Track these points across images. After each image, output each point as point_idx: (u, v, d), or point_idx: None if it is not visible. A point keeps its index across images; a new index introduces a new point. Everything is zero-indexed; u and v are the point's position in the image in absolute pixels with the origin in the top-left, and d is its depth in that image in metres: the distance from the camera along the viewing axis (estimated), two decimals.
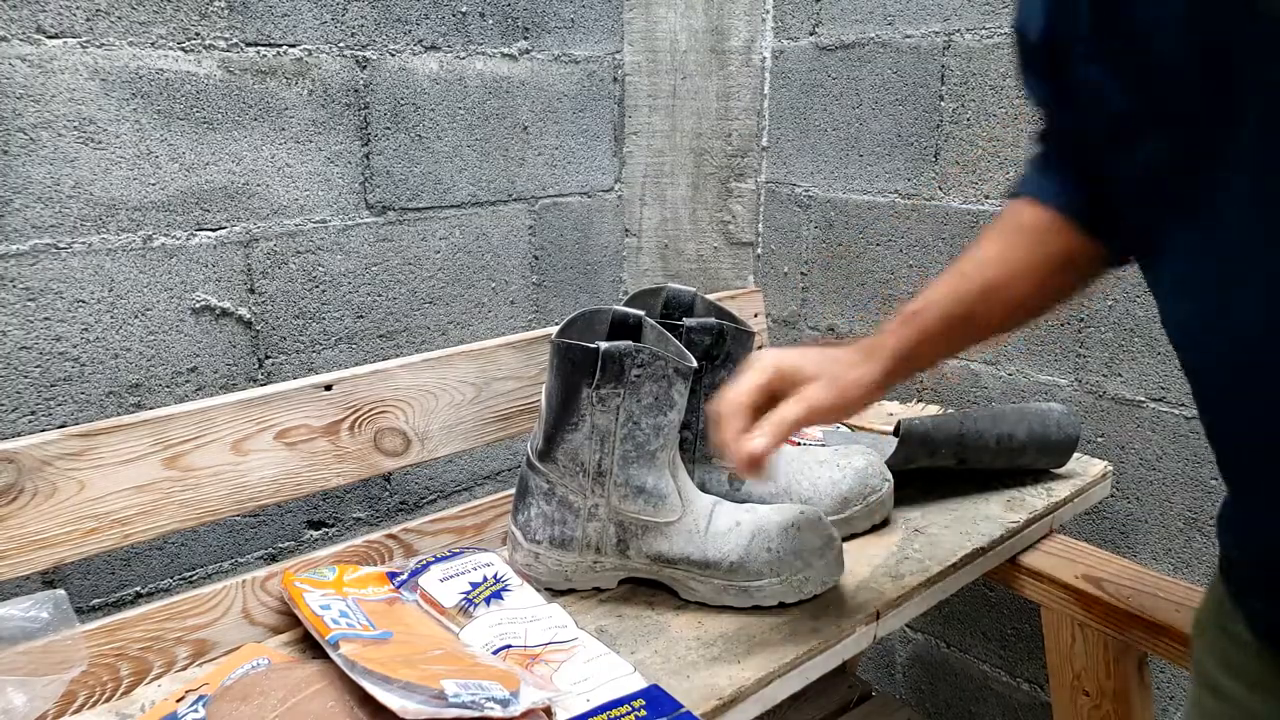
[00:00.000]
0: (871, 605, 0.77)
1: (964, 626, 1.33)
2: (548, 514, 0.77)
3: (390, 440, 0.82)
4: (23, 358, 0.91)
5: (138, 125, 0.94)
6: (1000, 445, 0.96)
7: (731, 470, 0.87)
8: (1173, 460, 1.08)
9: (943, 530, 0.90)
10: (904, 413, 1.25)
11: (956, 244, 1.24)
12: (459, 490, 1.30)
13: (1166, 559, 1.11)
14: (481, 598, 0.73)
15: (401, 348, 1.19)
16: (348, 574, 0.75)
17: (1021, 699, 1.28)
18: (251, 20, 1.00)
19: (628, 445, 0.74)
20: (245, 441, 0.74)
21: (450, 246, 1.22)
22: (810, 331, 1.45)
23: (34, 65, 0.87)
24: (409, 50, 1.13)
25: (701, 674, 0.68)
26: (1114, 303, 1.10)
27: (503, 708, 0.57)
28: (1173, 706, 1.13)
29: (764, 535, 0.75)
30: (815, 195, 1.39)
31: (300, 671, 0.63)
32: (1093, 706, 0.96)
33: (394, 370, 0.82)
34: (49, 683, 0.61)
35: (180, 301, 1.00)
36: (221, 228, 1.02)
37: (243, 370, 1.06)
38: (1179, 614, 0.87)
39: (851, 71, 1.31)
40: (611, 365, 0.72)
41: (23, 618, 0.61)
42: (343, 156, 1.10)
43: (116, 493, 0.68)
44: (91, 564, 0.99)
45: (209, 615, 0.71)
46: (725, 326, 0.84)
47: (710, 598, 0.76)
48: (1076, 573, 0.94)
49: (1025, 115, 1.14)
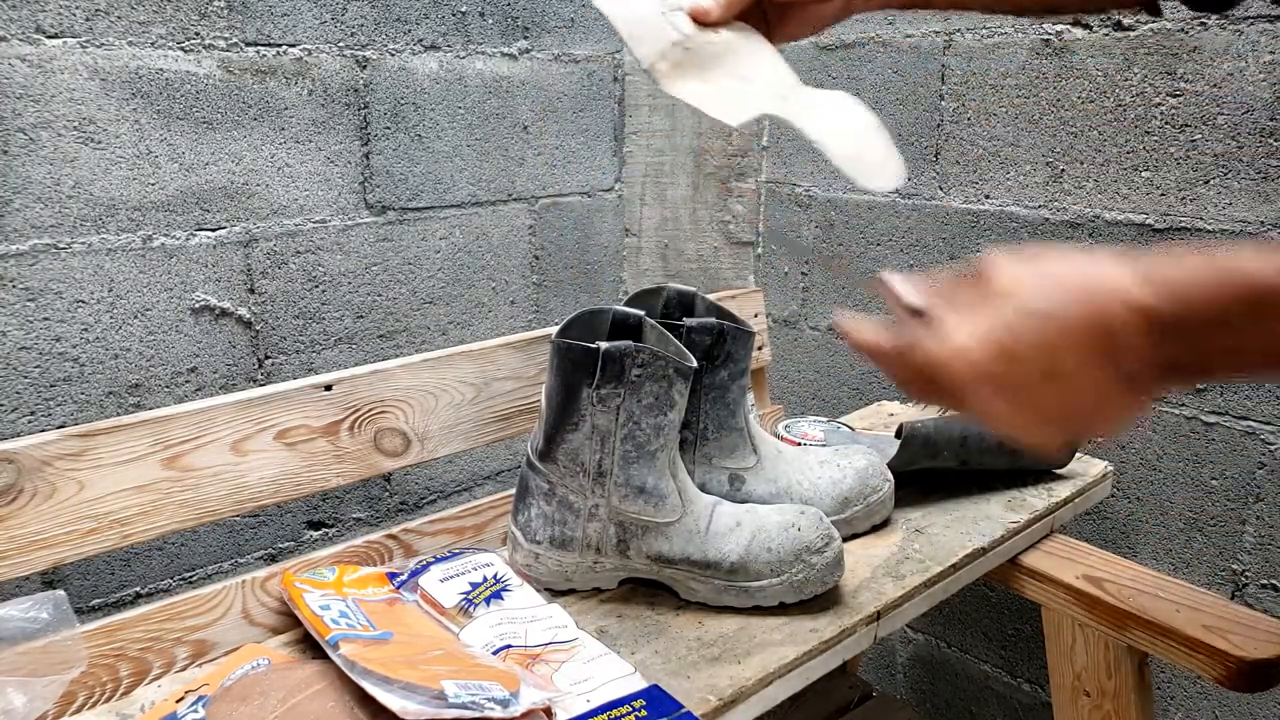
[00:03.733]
0: (872, 605, 0.77)
1: (964, 627, 1.33)
2: (548, 514, 0.77)
3: (390, 440, 0.82)
4: (23, 358, 0.91)
5: (137, 125, 0.94)
6: (1002, 447, 0.96)
7: (733, 470, 0.87)
8: (1173, 460, 1.08)
9: (943, 530, 0.90)
10: (905, 414, 1.25)
11: (957, 244, 1.24)
12: (459, 490, 1.30)
13: (1166, 559, 1.11)
14: (481, 598, 0.73)
15: (401, 348, 1.19)
16: (348, 574, 0.75)
17: (1022, 699, 1.28)
18: (251, 20, 1.00)
19: (628, 445, 0.74)
20: (245, 442, 0.74)
21: (450, 246, 1.21)
22: (811, 331, 1.44)
23: (34, 65, 0.87)
24: (409, 50, 1.12)
25: (701, 674, 0.68)
26: None
27: (503, 708, 0.57)
28: (1173, 706, 1.13)
29: (764, 535, 0.75)
30: (815, 195, 1.39)
31: (300, 672, 0.63)
32: (1093, 707, 0.96)
33: (394, 370, 0.82)
34: (49, 683, 0.61)
35: (180, 301, 1.00)
36: (221, 228, 1.02)
37: (242, 370, 1.06)
38: (1179, 614, 0.87)
39: (852, 71, 1.31)
40: (612, 365, 0.72)
41: (22, 618, 0.61)
42: (342, 156, 1.09)
43: (116, 493, 0.68)
44: (91, 564, 0.99)
45: (209, 616, 0.71)
46: (725, 326, 0.84)
47: (710, 598, 0.76)
48: (1077, 573, 0.94)
49: (1025, 115, 1.14)
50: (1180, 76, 1.01)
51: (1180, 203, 1.03)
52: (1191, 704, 1.12)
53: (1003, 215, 1.18)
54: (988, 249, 0.48)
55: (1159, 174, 1.05)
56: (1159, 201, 1.05)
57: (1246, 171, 0.98)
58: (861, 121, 0.64)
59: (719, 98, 0.63)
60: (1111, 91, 1.07)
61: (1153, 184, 1.05)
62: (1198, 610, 0.87)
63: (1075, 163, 1.11)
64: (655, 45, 0.63)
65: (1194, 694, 1.11)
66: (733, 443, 0.86)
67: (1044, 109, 1.12)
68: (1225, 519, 1.05)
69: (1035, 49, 1.12)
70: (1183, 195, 1.03)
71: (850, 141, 0.63)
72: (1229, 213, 1.00)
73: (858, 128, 0.64)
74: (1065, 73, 1.10)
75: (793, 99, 0.63)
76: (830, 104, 0.64)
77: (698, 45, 0.63)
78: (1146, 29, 1.03)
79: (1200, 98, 1.00)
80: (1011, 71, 1.14)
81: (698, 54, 0.63)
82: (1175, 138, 1.03)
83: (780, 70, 0.65)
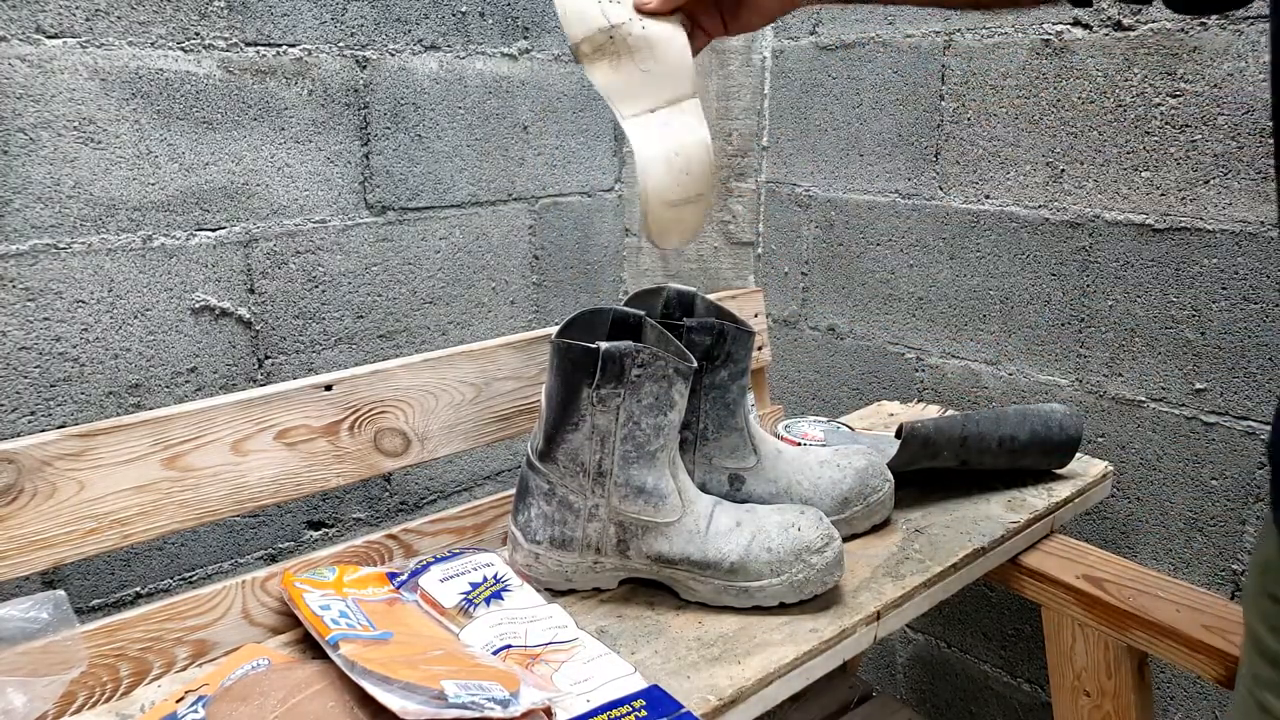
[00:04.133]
0: (872, 605, 0.77)
1: (964, 627, 1.33)
2: (548, 514, 0.77)
3: (390, 440, 0.82)
4: (23, 358, 0.91)
5: (137, 125, 0.94)
6: (1002, 447, 0.96)
7: (733, 470, 0.87)
8: (1173, 460, 1.08)
9: (943, 530, 0.90)
10: (905, 414, 1.25)
11: (957, 244, 1.24)
12: (459, 490, 1.30)
13: (1166, 559, 1.11)
14: (481, 598, 0.73)
15: (401, 348, 1.19)
16: (348, 574, 0.75)
17: (1022, 699, 1.28)
18: (251, 20, 1.00)
19: (628, 445, 0.74)
20: (245, 442, 0.74)
21: (450, 246, 1.21)
22: (811, 331, 1.44)
23: (34, 65, 0.87)
24: (409, 50, 1.12)
25: (701, 674, 0.68)
26: (1114, 302, 1.10)
27: (503, 708, 0.57)
28: (1173, 706, 1.13)
29: (764, 535, 0.75)
30: (815, 195, 1.39)
31: (300, 672, 0.63)
32: (1093, 707, 0.96)
33: (394, 370, 0.82)
34: (49, 683, 0.61)
35: (180, 301, 1.00)
36: (221, 228, 1.02)
37: (242, 370, 1.06)
38: (1179, 614, 0.87)
39: (852, 71, 1.31)
40: (612, 365, 0.72)
41: (22, 618, 0.61)
42: (342, 156, 1.09)
43: (116, 493, 0.68)
44: (91, 564, 0.99)
45: (209, 616, 0.71)
46: (725, 326, 0.84)
47: (710, 598, 0.76)
48: (1077, 573, 0.94)
49: (1025, 115, 1.14)
50: (1180, 76, 1.01)
51: (1180, 203, 1.03)
52: (1191, 704, 1.12)
53: (1003, 215, 1.18)
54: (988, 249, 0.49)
55: (1159, 174, 1.05)
56: (1159, 201, 1.05)
57: (1246, 171, 0.98)
58: (687, 172, 0.70)
59: (620, 90, 0.68)
60: (1111, 91, 1.07)
61: (1153, 184, 1.05)
62: (1198, 610, 0.88)
63: (1075, 163, 1.11)
64: (583, 28, 0.68)
65: (1194, 694, 1.11)
66: (733, 443, 0.86)
67: (1044, 109, 1.12)
68: (1225, 519, 1.05)
69: (1035, 49, 1.12)
70: (1183, 195, 1.03)
71: (660, 185, 0.68)
72: (1229, 213, 1.00)
73: (676, 177, 0.69)
74: (1065, 73, 1.10)
75: (660, 115, 0.69)
76: (679, 134, 0.69)
77: (620, 35, 0.68)
78: (1147, 29, 1.03)
79: (1200, 98, 1.00)
80: (1011, 71, 1.14)
81: (619, 43, 0.68)
82: (1175, 138, 1.03)
83: (682, 74, 0.69)
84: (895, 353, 1.34)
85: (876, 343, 1.36)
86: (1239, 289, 1.00)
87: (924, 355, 1.31)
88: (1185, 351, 1.05)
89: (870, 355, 1.37)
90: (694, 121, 0.70)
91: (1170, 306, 1.06)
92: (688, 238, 0.72)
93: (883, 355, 1.36)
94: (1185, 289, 1.04)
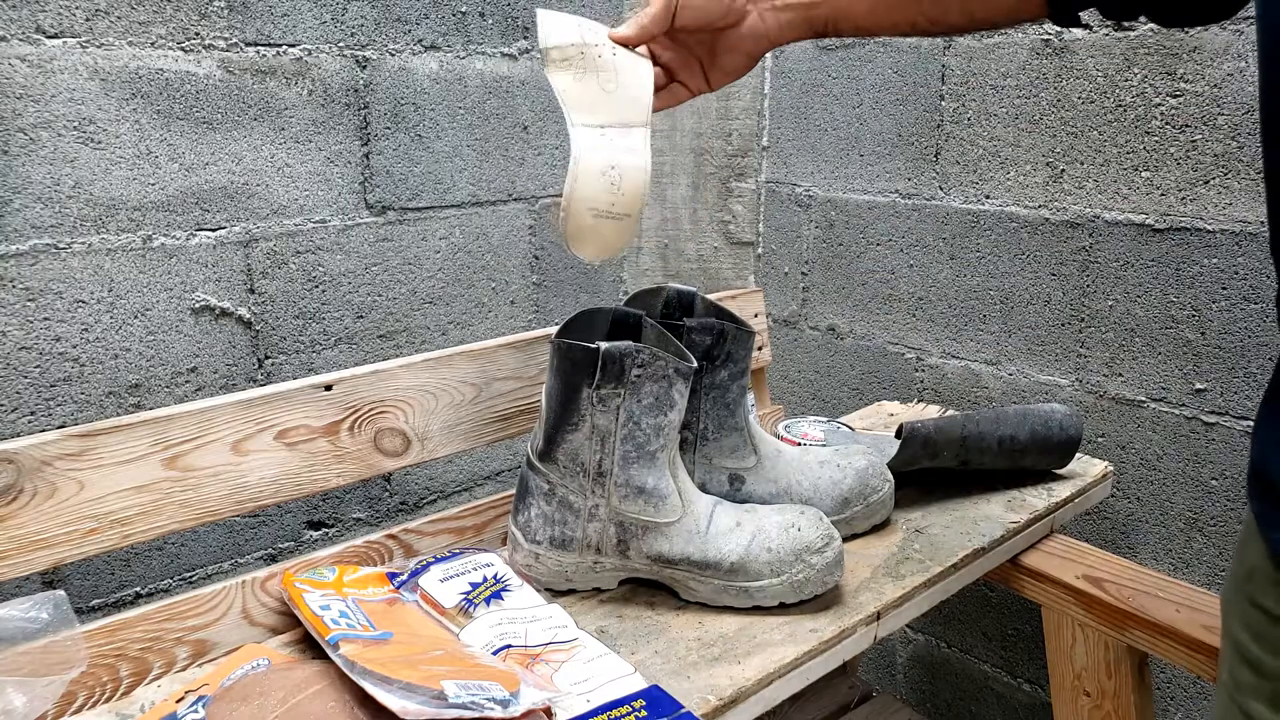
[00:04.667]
0: (872, 605, 0.77)
1: (964, 627, 1.33)
2: (548, 514, 0.77)
3: (390, 440, 0.82)
4: (23, 358, 0.91)
5: (137, 125, 0.94)
6: (1003, 447, 0.96)
7: (733, 470, 0.87)
8: (1173, 460, 1.08)
9: (943, 530, 0.90)
10: (905, 414, 1.25)
11: (957, 244, 1.24)
12: (459, 490, 1.30)
13: (1166, 559, 1.11)
14: (481, 598, 0.73)
15: (401, 348, 1.19)
16: (348, 574, 0.75)
17: (1022, 699, 1.28)
18: (251, 20, 1.00)
19: (628, 445, 0.74)
20: (245, 442, 0.74)
21: (450, 246, 1.21)
22: (811, 331, 1.45)
23: (34, 65, 0.87)
24: (409, 50, 1.12)
25: (701, 674, 0.68)
26: (1114, 302, 1.10)
27: (503, 708, 0.57)
28: (1173, 706, 1.13)
29: (764, 536, 0.75)
30: (815, 195, 1.39)
31: (300, 672, 0.63)
32: (1093, 707, 0.96)
33: (394, 370, 0.82)
34: (49, 683, 0.61)
35: (180, 301, 1.00)
36: (221, 228, 1.02)
37: (243, 370, 1.06)
38: (1179, 614, 0.87)
39: (852, 71, 1.31)
40: (612, 365, 0.72)
41: (23, 618, 0.61)
42: (342, 156, 1.09)
43: (116, 493, 0.68)
44: (91, 564, 0.99)
45: (209, 616, 0.71)
46: (725, 326, 0.84)
47: (710, 598, 0.76)
48: (1077, 573, 0.94)
49: (1025, 115, 1.14)
50: (1180, 76, 1.01)
51: (1180, 203, 1.03)
52: (1191, 704, 1.12)
53: (1003, 215, 1.18)
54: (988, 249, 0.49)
55: (1159, 174, 1.05)
56: (1159, 201, 1.05)
57: (1246, 171, 0.98)
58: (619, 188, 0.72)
59: (577, 98, 0.72)
60: (1111, 91, 1.07)
61: (1153, 184, 1.05)
62: (1198, 610, 0.88)
63: (1075, 163, 1.11)
64: (557, 38, 0.72)
65: (1194, 694, 1.11)
66: (733, 443, 0.86)
67: (1044, 109, 1.12)
68: (1225, 519, 1.05)
69: (1035, 49, 1.12)
70: (1183, 195, 1.03)
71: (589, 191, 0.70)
72: (1229, 213, 1.00)
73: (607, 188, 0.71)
74: (1065, 73, 1.10)
75: (609, 132, 0.72)
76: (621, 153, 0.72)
77: (591, 54, 0.72)
78: (1146, 29, 1.03)
79: (1200, 98, 1.00)
80: (1011, 71, 1.14)
81: (588, 59, 0.72)
82: (1175, 138, 1.03)
83: (640, 103, 0.73)
84: (895, 353, 1.34)
85: (876, 343, 1.36)
86: (1239, 289, 1.00)
87: (924, 355, 1.31)
88: (1185, 351, 1.05)
89: (870, 355, 1.37)
90: (639, 146, 0.72)
91: (1170, 306, 1.06)
92: (604, 254, 0.73)
93: (883, 355, 1.36)
94: (1185, 289, 1.04)
